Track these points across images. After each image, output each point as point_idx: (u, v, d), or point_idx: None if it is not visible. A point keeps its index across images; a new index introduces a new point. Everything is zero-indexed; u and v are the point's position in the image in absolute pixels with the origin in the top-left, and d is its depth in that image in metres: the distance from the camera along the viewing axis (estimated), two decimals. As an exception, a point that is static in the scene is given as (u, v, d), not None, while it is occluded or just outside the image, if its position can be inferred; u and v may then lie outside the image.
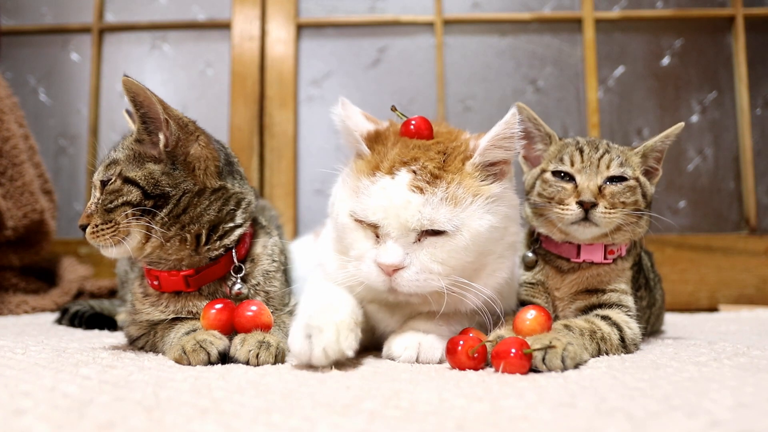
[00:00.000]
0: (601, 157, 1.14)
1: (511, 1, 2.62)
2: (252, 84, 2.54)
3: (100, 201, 1.05)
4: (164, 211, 1.05)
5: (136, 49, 2.68)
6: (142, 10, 2.68)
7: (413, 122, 1.07)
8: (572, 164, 1.14)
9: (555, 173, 1.16)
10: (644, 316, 1.26)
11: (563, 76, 2.58)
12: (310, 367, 0.89)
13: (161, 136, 1.08)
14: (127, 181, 1.05)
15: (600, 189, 1.11)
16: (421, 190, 0.96)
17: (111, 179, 1.06)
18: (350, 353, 0.90)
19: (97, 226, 1.04)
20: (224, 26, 2.63)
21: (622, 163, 1.14)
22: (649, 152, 1.20)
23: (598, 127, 2.48)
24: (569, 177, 1.14)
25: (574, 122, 2.55)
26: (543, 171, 1.19)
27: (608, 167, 1.13)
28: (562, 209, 1.12)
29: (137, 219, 1.04)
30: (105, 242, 1.04)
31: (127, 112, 1.24)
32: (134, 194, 1.04)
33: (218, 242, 1.10)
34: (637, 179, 1.15)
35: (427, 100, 2.58)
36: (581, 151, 1.15)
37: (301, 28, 2.62)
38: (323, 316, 0.93)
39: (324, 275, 1.13)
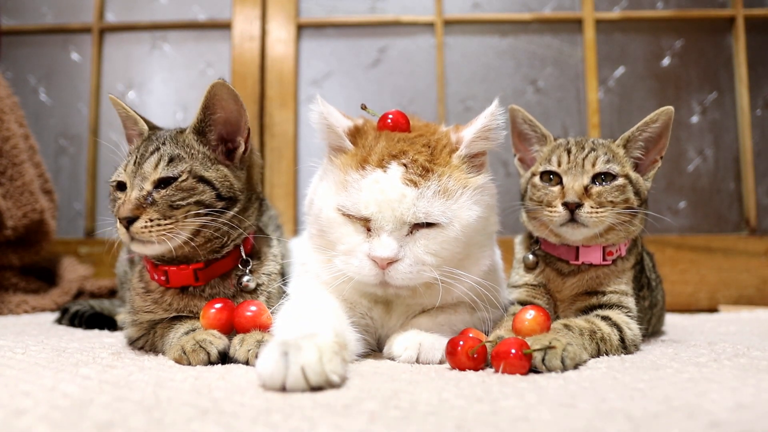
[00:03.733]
0: (586, 156, 1.12)
1: (511, 2, 2.62)
2: (252, 84, 2.54)
3: (164, 195, 1.02)
4: (229, 213, 1.07)
5: (136, 49, 2.68)
6: (143, 10, 2.69)
7: (390, 116, 1.09)
8: (559, 165, 1.14)
9: (543, 174, 1.16)
10: (646, 317, 1.26)
11: (563, 77, 2.58)
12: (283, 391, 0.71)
13: (241, 142, 1.12)
14: (202, 180, 1.05)
15: (587, 189, 1.10)
16: (415, 184, 0.98)
17: (180, 176, 1.03)
18: (335, 378, 0.74)
19: (152, 220, 1.00)
20: (225, 26, 2.63)
21: (609, 159, 1.12)
22: (628, 143, 1.17)
23: (599, 127, 2.48)
24: (558, 179, 1.14)
25: (575, 123, 2.55)
26: (533, 174, 1.19)
27: (593, 165, 1.11)
28: (550, 212, 1.11)
29: (198, 217, 1.03)
30: (159, 238, 1.01)
31: (133, 113, 1.20)
32: (208, 194, 1.05)
33: (233, 242, 1.11)
34: (626, 176, 1.12)
35: (428, 100, 2.58)
36: (569, 152, 1.15)
37: (301, 28, 2.62)
38: (302, 336, 0.80)
39: (307, 274, 1.14)
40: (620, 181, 1.11)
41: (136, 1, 2.70)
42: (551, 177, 1.14)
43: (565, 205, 1.09)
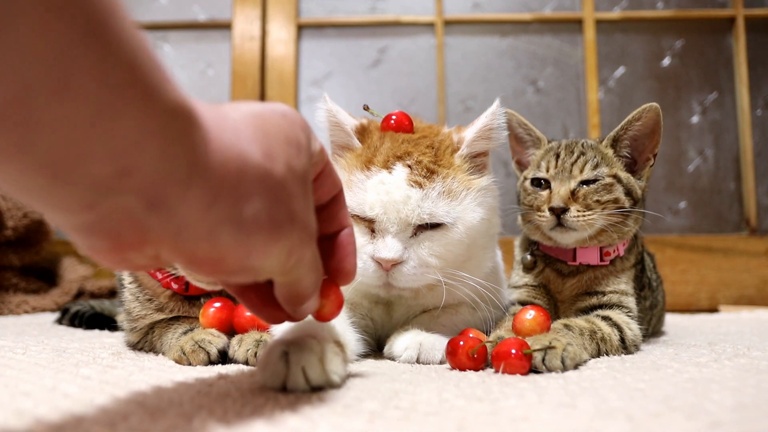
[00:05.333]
0: (575, 161, 1.12)
1: (511, 2, 2.62)
2: (252, 84, 2.54)
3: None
4: None
5: (136, 49, 2.68)
6: (143, 10, 2.69)
7: (394, 117, 1.09)
8: (547, 170, 1.14)
9: (533, 180, 1.16)
10: (647, 317, 1.26)
11: (564, 77, 2.58)
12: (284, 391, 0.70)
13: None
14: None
15: (574, 192, 1.10)
16: (420, 185, 0.98)
17: None
18: (336, 379, 0.72)
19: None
20: (225, 26, 2.63)
21: (597, 164, 1.11)
22: (614, 142, 1.15)
23: (599, 128, 2.48)
24: (547, 183, 1.14)
25: (575, 123, 2.56)
26: (525, 179, 1.19)
27: (581, 171, 1.11)
28: (539, 216, 1.12)
29: None
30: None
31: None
32: None
33: None
34: (614, 176, 1.10)
35: (428, 100, 2.58)
36: (557, 156, 1.15)
37: (301, 28, 2.62)
38: (303, 336, 0.76)
39: None
40: (607, 180, 1.10)
41: (136, 1, 2.70)
42: (542, 182, 1.15)
43: (552, 210, 1.09)
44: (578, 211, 1.08)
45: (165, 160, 0.42)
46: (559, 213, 1.08)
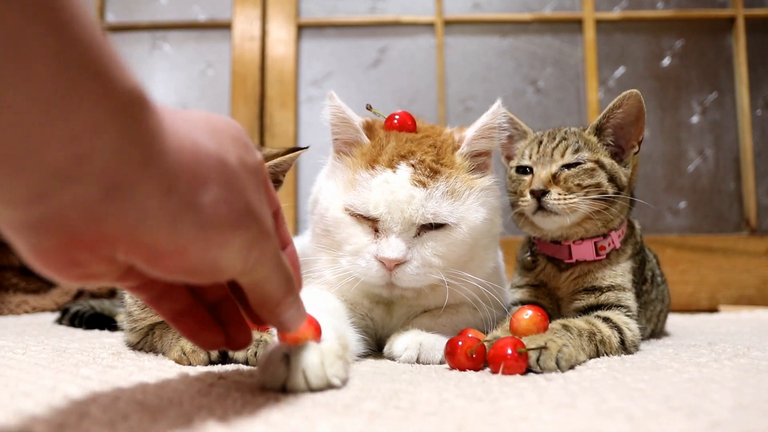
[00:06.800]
0: (556, 146, 1.13)
1: (511, 2, 2.63)
2: (252, 84, 2.54)
3: None
4: None
5: (136, 49, 2.68)
6: (143, 10, 2.69)
7: (397, 116, 1.09)
8: (530, 157, 1.15)
9: (518, 168, 1.17)
10: (655, 310, 1.27)
11: (564, 77, 2.58)
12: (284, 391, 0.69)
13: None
14: None
15: (555, 176, 1.10)
16: (424, 185, 0.98)
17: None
18: (337, 382, 0.72)
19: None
20: (225, 26, 2.63)
21: (578, 148, 1.11)
22: (598, 131, 1.16)
23: (599, 127, 2.49)
24: (531, 170, 1.14)
25: (575, 123, 2.54)
26: (510, 168, 1.21)
27: (562, 155, 1.11)
28: (522, 201, 1.13)
29: None
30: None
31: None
32: None
33: None
34: (596, 161, 1.10)
35: (428, 100, 2.58)
36: (540, 143, 1.15)
37: (301, 28, 2.62)
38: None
39: (309, 274, 1.13)
40: (589, 165, 1.10)
41: (136, 1, 2.70)
42: (526, 169, 1.16)
43: (532, 193, 1.09)
44: (559, 193, 1.08)
45: (122, 143, 0.41)
46: (539, 195, 1.09)
